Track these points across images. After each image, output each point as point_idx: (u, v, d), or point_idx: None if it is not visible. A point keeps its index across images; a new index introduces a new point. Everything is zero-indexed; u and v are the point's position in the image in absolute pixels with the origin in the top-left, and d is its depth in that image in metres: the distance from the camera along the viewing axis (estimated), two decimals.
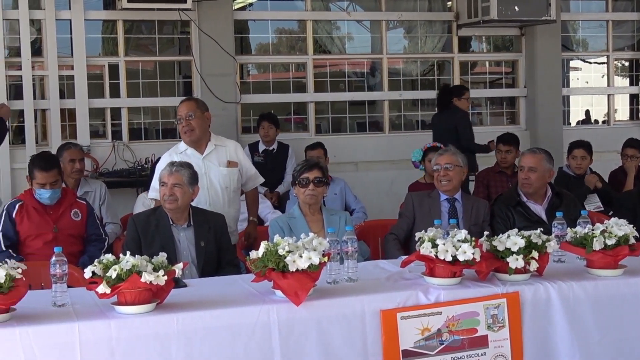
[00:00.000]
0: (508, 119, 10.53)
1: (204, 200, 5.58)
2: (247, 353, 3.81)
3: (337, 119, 9.88)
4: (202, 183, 5.58)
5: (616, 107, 10.98)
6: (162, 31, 9.17)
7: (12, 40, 8.60)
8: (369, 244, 5.67)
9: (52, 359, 3.56)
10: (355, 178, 8.62)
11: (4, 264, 3.61)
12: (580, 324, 4.24)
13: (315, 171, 5.29)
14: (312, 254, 3.81)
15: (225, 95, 8.97)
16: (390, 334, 3.97)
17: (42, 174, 5.71)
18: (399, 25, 10.09)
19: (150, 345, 3.69)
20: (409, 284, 4.18)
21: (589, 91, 11.21)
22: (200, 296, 4.03)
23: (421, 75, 10.21)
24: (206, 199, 5.64)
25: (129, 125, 9.03)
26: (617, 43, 10.82)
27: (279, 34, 10.01)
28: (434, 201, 5.72)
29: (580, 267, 4.46)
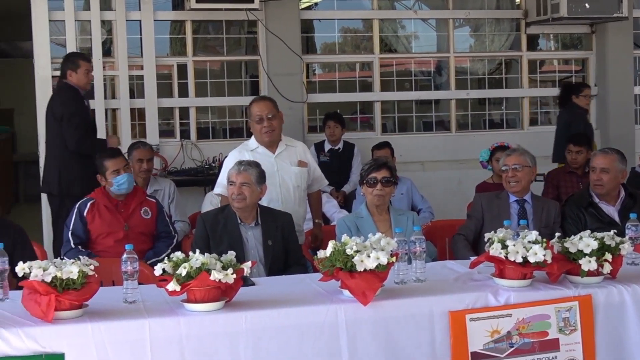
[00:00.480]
0: None
1: (277, 199, 5.60)
2: (315, 352, 3.81)
3: (403, 118, 9.84)
4: (275, 181, 5.61)
5: None
6: (230, 31, 9.23)
7: (83, 41, 8.73)
8: (435, 245, 5.64)
9: (123, 356, 3.60)
10: (421, 178, 8.57)
11: (77, 261, 3.66)
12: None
13: (384, 171, 5.27)
14: (380, 253, 3.80)
15: (292, 95, 8.99)
16: (459, 335, 3.94)
17: (112, 160, 5.86)
18: (465, 23, 10.01)
19: (219, 343, 3.71)
20: (478, 286, 4.15)
21: None
22: (268, 295, 4.05)
23: (488, 74, 10.11)
24: (279, 197, 5.65)
25: (196, 125, 9.10)
26: None
27: (344, 33, 10.00)
28: (502, 202, 5.65)
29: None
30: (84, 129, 7.11)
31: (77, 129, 7.05)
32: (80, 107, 7.19)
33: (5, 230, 4.73)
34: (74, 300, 3.61)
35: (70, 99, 7.17)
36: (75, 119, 7.06)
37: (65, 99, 7.19)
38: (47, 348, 3.51)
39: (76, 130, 7.04)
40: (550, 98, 10.33)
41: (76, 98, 7.20)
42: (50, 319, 3.53)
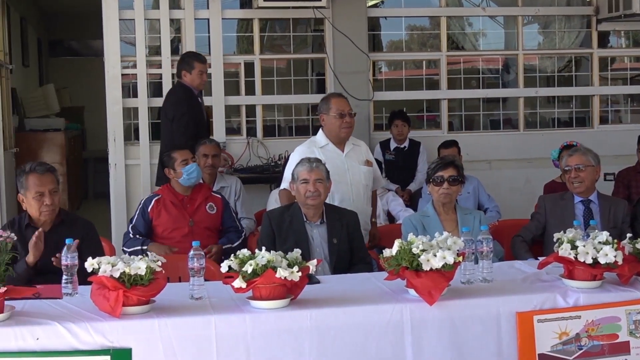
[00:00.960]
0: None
1: (349, 197, 5.60)
2: (379, 351, 3.81)
3: (470, 116, 9.76)
4: (346, 180, 5.64)
5: None
6: (297, 29, 9.25)
7: (152, 39, 8.83)
8: (502, 245, 5.58)
9: (189, 351, 3.64)
10: (488, 176, 8.48)
11: (145, 257, 3.70)
12: None
13: (451, 169, 5.24)
14: (447, 253, 3.79)
15: (358, 93, 8.97)
16: (527, 337, 3.91)
17: (180, 151, 6.02)
18: (534, 20, 9.88)
19: (284, 340, 3.72)
20: (546, 286, 4.11)
21: None
22: (333, 293, 4.06)
23: (557, 71, 9.97)
24: (350, 196, 5.66)
25: (263, 122, 9.13)
26: None
27: (411, 31, 9.95)
28: (567, 203, 5.58)
29: None
30: (194, 129, 7.25)
31: (186, 128, 7.22)
32: (191, 108, 7.35)
33: (75, 225, 4.83)
34: (141, 296, 3.66)
35: (182, 99, 7.36)
36: (185, 118, 7.24)
37: (176, 99, 7.39)
38: (114, 343, 3.56)
39: (186, 129, 7.22)
40: (620, 96, 10.16)
41: (188, 98, 7.38)
42: (118, 314, 3.58)
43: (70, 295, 3.89)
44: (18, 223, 4.76)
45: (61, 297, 3.89)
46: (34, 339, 3.51)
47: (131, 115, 8.80)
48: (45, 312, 3.70)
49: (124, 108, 8.72)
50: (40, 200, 4.67)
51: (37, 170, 4.70)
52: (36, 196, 4.67)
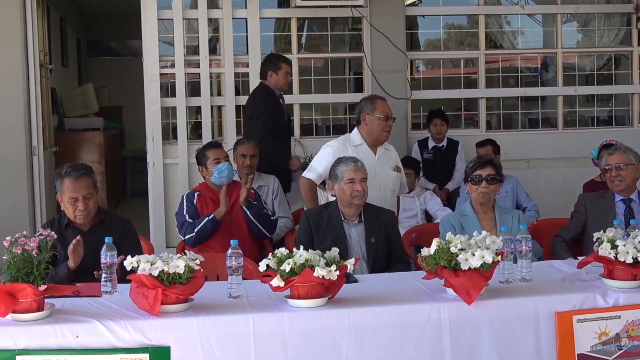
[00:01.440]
0: None
1: (375, 200, 5.57)
2: (417, 351, 3.81)
3: (508, 115, 9.70)
4: (375, 183, 5.63)
5: None
6: (334, 29, 9.24)
7: (190, 39, 8.87)
8: (541, 244, 5.54)
9: (227, 350, 3.66)
10: (527, 175, 8.44)
11: (183, 256, 3.72)
12: None
13: (489, 168, 5.23)
14: (485, 252, 3.78)
15: (396, 92, 8.95)
16: (566, 337, 3.89)
17: (213, 150, 6.09)
18: (573, 18, 9.80)
19: (321, 339, 3.73)
20: (585, 286, 4.09)
21: None
22: (371, 292, 4.06)
23: (597, 70, 9.87)
24: (377, 199, 5.62)
25: (300, 121, 9.14)
26: None
27: (449, 30, 9.91)
28: (608, 202, 5.53)
29: None
30: (272, 129, 7.36)
31: (262, 128, 7.32)
32: (271, 108, 7.46)
33: (114, 224, 4.86)
34: (180, 295, 3.68)
35: (262, 99, 7.50)
36: (264, 118, 7.35)
37: (257, 98, 7.55)
38: (153, 341, 3.59)
39: (262, 129, 7.33)
40: None
41: (269, 99, 7.50)
42: (156, 312, 3.60)
43: (109, 294, 3.92)
44: (58, 222, 4.81)
45: (100, 295, 3.92)
46: (74, 336, 3.55)
47: (169, 114, 8.84)
48: (84, 310, 3.74)
49: (162, 107, 8.76)
50: (74, 205, 4.71)
51: (72, 175, 4.71)
52: (70, 201, 4.71)
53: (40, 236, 3.69)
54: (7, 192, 8.54)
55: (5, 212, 8.49)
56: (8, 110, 8.48)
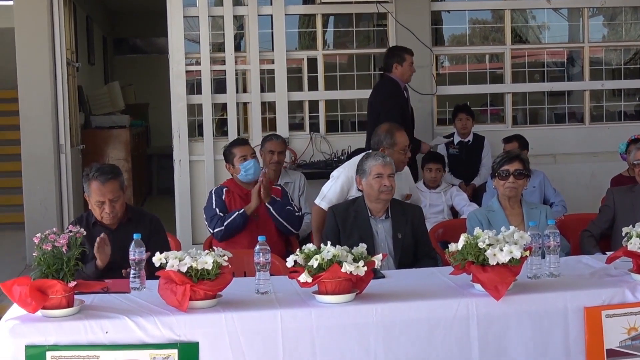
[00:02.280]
0: None
1: None
2: (445, 346, 3.81)
3: (534, 110, 9.66)
4: None
5: None
6: (359, 25, 9.24)
7: (215, 36, 8.90)
8: (568, 239, 5.52)
9: (255, 345, 3.67)
10: (553, 170, 8.39)
11: (211, 252, 3.73)
12: None
13: (516, 163, 5.21)
14: (514, 247, 3.77)
15: (422, 87, 8.94)
16: (595, 332, 3.87)
17: (239, 147, 6.08)
18: (599, 12, 9.74)
19: (349, 335, 3.73)
20: (614, 281, 4.06)
21: None
22: (398, 288, 4.06)
23: (624, 64, 9.81)
24: None
25: (325, 118, 9.15)
26: None
27: (474, 24, 9.88)
28: (637, 196, 5.50)
29: None
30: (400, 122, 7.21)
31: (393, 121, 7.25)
32: (398, 101, 7.52)
33: (142, 221, 4.87)
34: (208, 291, 3.70)
35: (389, 93, 7.54)
36: (393, 112, 7.32)
37: (385, 93, 7.61)
38: (182, 337, 3.60)
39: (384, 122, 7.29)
40: None
41: (396, 92, 7.55)
42: (185, 308, 3.62)
43: (138, 290, 3.95)
44: (86, 220, 4.83)
45: (129, 292, 3.95)
46: (103, 332, 3.57)
47: (195, 111, 8.87)
48: (113, 306, 3.76)
49: (188, 104, 8.80)
50: (100, 208, 4.73)
51: (99, 179, 4.70)
52: (97, 204, 4.73)
53: (70, 233, 3.71)
54: (36, 189, 8.62)
55: (34, 210, 8.57)
56: (36, 109, 8.56)
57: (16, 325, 3.58)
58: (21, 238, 8.65)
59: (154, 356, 3.57)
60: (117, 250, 4.49)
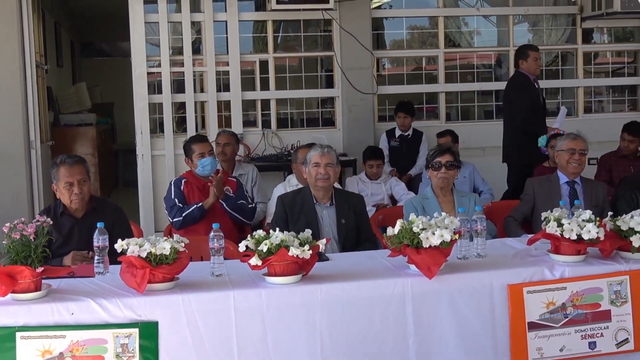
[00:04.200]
0: (629, 106, 10.12)
1: None
2: (383, 322, 3.82)
3: (466, 108, 9.73)
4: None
5: None
6: (307, 30, 9.22)
7: (175, 40, 8.83)
8: (495, 224, 5.57)
9: (210, 324, 3.65)
10: (482, 162, 8.45)
11: (170, 239, 3.71)
12: None
13: (447, 155, 5.24)
14: (444, 231, 3.79)
15: (363, 87, 8.98)
16: (517, 307, 3.91)
17: (198, 144, 6.04)
18: (524, 19, 9.83)
19: (297, 314, 3.73)
20: (535, 261, 4.11)
21: None
22: (341, 269, 4.06)
23: (546, 66, 9.92)
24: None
25: (277, 115, 9.14)
26: None
27: (412, 30, 9.91)
28: (554, 184, 5.57)
29: None
30: (531, 110, 7.56)
31: (523, 109, 7.52)
32: (528, 92, 7.70)
33: (106, 211, 4.83)
34: (166, 274, 3.67)
35: (520, 84, 7.74)
36: (523, 102, 7.59)
37: (515, 84, 7.79)
38: (142, 317, 3.58)
39: (522, 110, 7.52)
40: (603, 88, 10.10)
41: (526, 83, 7.73)
42: (142, 290, 3.59)
43: (102, 274, 3.91)
44: (53, 210, 4.77)
45: (94, 276, 3.91)
46: (69, 313, 3.53)
47: (156, 110, 8.82)
48: (79, 289, 3.72)
49: (150, 104, 8.75)
50: (70, 190, 4.67)
51: (67, 162, 4.68)
52: (66, 186, 4.67)
53: (37, 222, 3.67)
54: (8, 183, 8.49)
55: (6, 202, 8.44)
56: (7, 108, 8.42)
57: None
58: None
59: (117, 335, 3.54)
60: (83, 236, 4.45)
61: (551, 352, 3.95)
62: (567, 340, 3.95)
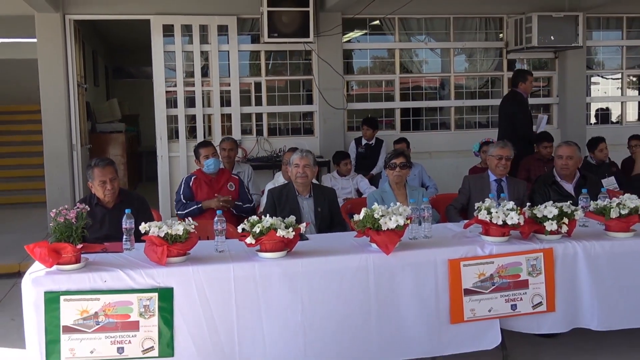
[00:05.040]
0: None
1: None
2: (351, 289, 3.83)
3: (416, 120, 9.73)
4: None
5: (628, 111, 10.50)
6: (292, 58, 9.19)
7: (187, 66, 8.78)
8: (439, 212, 5.57)
9: (214, 288, 3.65)
10: (429, 163, 8.47)
11: (183, 222, 3.69)
12: (598, 272, 4.10)
13: (401, 158, 5.24)
14: (399, 217, 3.80)
15: (336, 104, 8.97)
16: (455, 277, 3.94)
17: (204, 148, 6.00)
18: (461, 51, 9.86)
19: (282, 281, 3.74)
20: (469, 241, 4.13)
21: (606, 99, 10.70)
22: (317, 247, 4.06)
23: (479, 88, 9.96)
24: None
25: (268, 125, 9.10)
26: (630, 62, 10.32)
27: (374, 59, 9.91)
28: (485, 181, 5.57)
29: (600, 230, 4.31)
30: (525, 123, 7.57)
31: (525, 122, 7.58)
32: (527, 107, 7.71)
33: (133, 201, 4.78)
34: (180, 250, 3.66)
35: (521, 102, 7.63)
36: (525, 116, 7.60)
37: (517, 102, 7.63)
38: (160, 284, 3.58)
39: (525, 122, 7.57)
40: None
41: (524, 101, 7.67)
42: (164, 262, 3.60)
43: (129, 250, 3.89)
44: (89, 201, 4.69)
45: (122, 251, 3.89)
46: (103, 281, 3.53)
47: (173, 120, 8.76)
48: (110, 262, 3.71)
49: (167, 116, 8.70)
50: (103, 187, 4.61)
51: (99, 164, 4.62)
52: (100, 184, 4.61)
53: (78, 209, 3.64)
54: (55, 177, 8.45)
55: (53, 192, 8.39)
56: (55, 118, 8.39)
57: (38, 276, 3.51)
58: (44, 214, 8.43)
59: (140, 298, 3.53)
60: (113, 223, 4.40)
61: (482, 313, 3.97)
62: (494, 303, 3.98)
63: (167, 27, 8.59)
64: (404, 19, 9.40)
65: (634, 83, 10.61)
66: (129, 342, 3.51)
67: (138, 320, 3.51)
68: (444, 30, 9.61)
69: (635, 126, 10.02)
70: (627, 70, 10.35)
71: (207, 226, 4.64)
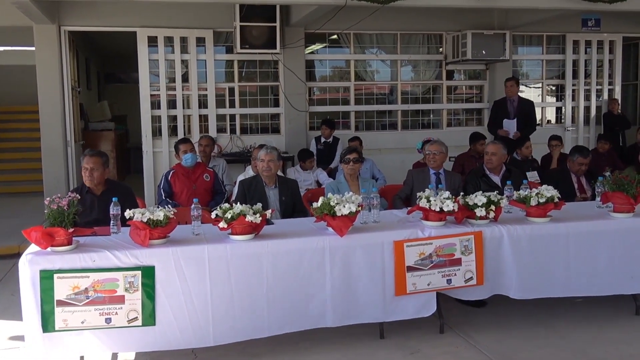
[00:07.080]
0: (476, 123, 10.29)
1: None
2: (310, 266, 3.84)
3: (369, 122, 9.75)
4: None
5: (547, 115, 10.70)
6: (262, 67, 9.13)
7: (169, 72, 8.66)
8: (387, 200, 5.60)
9: (191, 267, 3.62)
10: (379, 158, 8.50)
11: (164, 209, 3.65)
12: (519, 251, 4.17)
13: (354, 154, 5.26)
14: (352, 205, 3.81)
15: (299, 107, 8.95)
16: (399, 256, 3.96)
17: (183, 144, 5.93)
18: (407, 63, 9.91)
19: (251, 261, 3.72)
20: (412, 225, 4.15)
21: None
22: (281, 230, 4.05)
23: (422, 94, 10.03)
24: None
25: (240, 125, 9.04)
26: (549, 74, 10.50)
27: (333, 68, 9.90)
28: (426, 174, 5.61)
29: (522, 216, 4.36)
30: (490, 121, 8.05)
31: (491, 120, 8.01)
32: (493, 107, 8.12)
33: (119, 188, 4.72)
34: (160, 233, 3.62)
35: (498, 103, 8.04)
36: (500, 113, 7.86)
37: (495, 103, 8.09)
38: (143, 262, 3.54)
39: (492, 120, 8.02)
40: (460, 110, 10.23)
41: (495, 103, 8.16)
42: (146, 244, 3.55)
43: (115, 233, 3.83)
44: (80, 189, 4.62)
45: (110, 234, 3.83)
46: (92, 260, 3.47)
47: (156, 120, 8.64)
48: (99, 244, 3.65)
49: (152, 116, 8.58)
50: (84, 173, 4.56)
51: (88, 153, 4.58)
52: (83, 169, 4.56)
53: (69, 197, 3.57)
54: (52, 170, 8.28)
55: (50, 183, 8.22)
56: (52, 118, 8.22)
57: (33, 257, 3.44)
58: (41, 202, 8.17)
59: (125, 275, 3.49)
60: (102, 209, 4.33)
61: (422, 286, 4.01)
62: (432, 278, 4.02)
63: (151, 38, 8.45)
64: (358, 34, 9.41)
65: (552, 91, 10.80)
66: (116, 313, 3.46)
67: (123, 294, 3.47)
68: (392, 44, 9.64)
69: (553, 128, 10.23)
70: (547, 80, 10.54)
71: (185, 212, 4.57)
